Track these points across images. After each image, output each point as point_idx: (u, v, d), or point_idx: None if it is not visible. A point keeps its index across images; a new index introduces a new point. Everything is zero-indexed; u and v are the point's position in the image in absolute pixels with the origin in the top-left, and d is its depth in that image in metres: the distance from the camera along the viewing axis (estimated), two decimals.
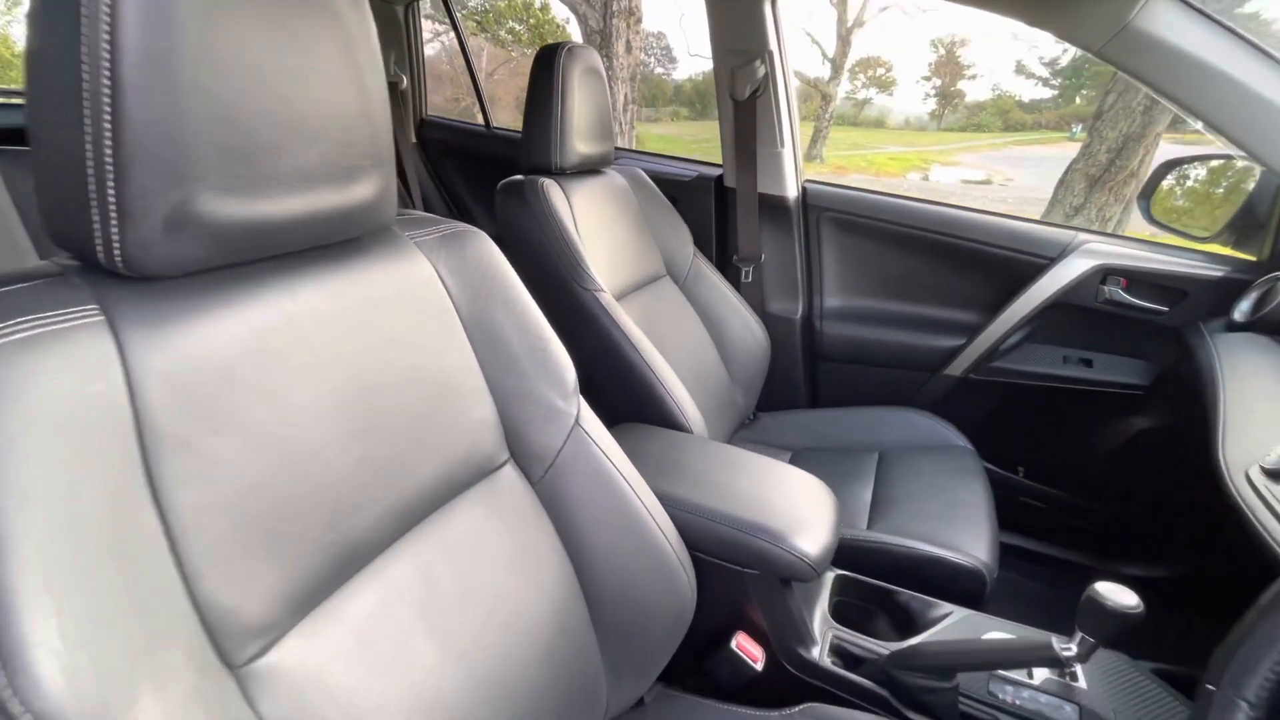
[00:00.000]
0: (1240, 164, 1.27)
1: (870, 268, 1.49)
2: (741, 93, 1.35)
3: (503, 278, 0.66)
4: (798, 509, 0.81)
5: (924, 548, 0.95)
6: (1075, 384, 1.32)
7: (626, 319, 1.04)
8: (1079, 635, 0.71)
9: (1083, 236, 1.28)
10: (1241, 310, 1.12)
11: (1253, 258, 1.18)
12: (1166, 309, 1.23)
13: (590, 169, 1.21)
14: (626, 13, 5.53)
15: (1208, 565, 1.29)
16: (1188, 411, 1.25)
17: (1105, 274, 1.25)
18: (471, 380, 0.63)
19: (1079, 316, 1.29)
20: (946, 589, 0.94)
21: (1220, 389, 0.94)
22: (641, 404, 1.04)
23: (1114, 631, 0.65)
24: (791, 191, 1.46)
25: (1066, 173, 5.63)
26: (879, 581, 0.92)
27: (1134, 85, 5.04)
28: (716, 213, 1.55)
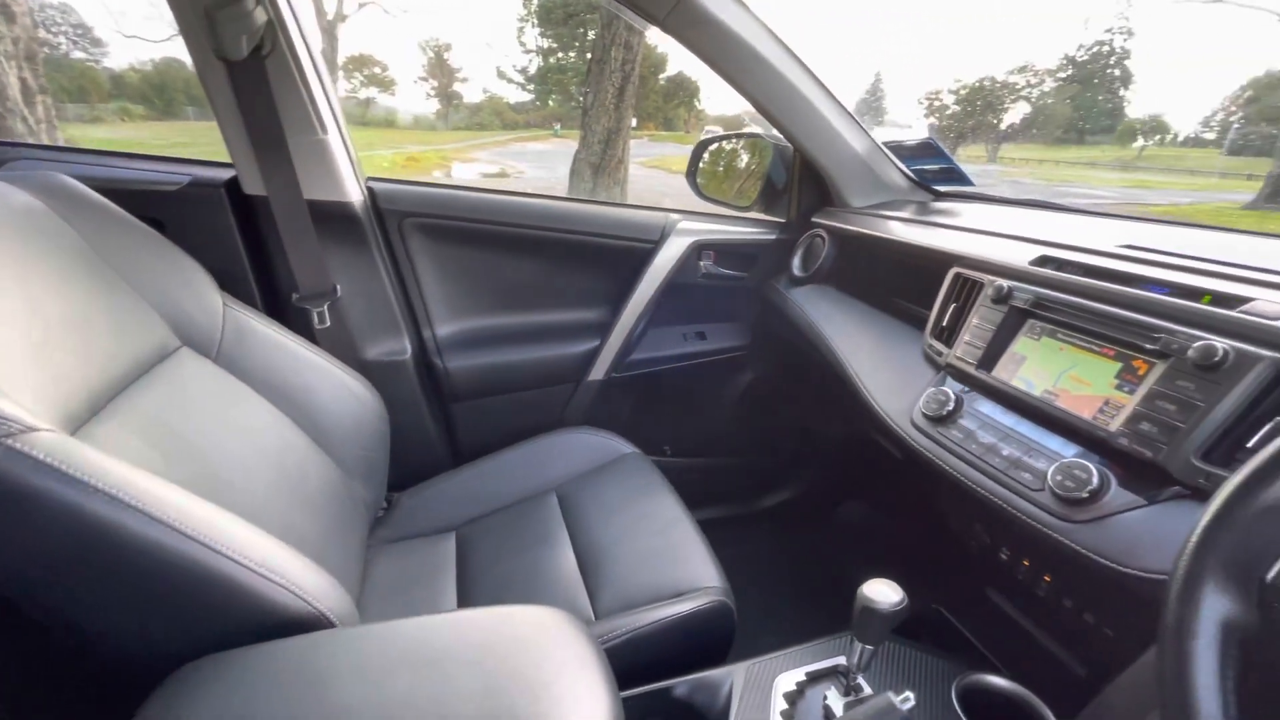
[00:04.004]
0: (757, 141, 1.47)
1: (479, 279, 1.23)
2: (235, 49, 0.86)
3: None
4: None
5: (669, 611, 0.78)
6: (697, 358, 1.37)
7: (110, 467, 0.52)
8: (860, 647, 0.65)
9: (674, 217, 1.29)
10: (796, 266, 1.30)
11: (783, 220, 1.39)
12: (745, 274, 1.35)
13: None
14: None
15: (811, 483, 1.53)
16: (777, 359, 1.43)
17: (700, 250, 1.29)
18: None
19: (689, 294, 1.33)
20: (706, 641, 0.80)
21: (829, 341, 1.04)
22: (203, 613, 0.55)
23: (887, 631, 0.62)
24: (355, 195, 1.07)
25: (575, 163, 6.47)
26: (645, 687, 0.72)
27: (607, 82, 6.02)
28: (243, 235, 1.03)
